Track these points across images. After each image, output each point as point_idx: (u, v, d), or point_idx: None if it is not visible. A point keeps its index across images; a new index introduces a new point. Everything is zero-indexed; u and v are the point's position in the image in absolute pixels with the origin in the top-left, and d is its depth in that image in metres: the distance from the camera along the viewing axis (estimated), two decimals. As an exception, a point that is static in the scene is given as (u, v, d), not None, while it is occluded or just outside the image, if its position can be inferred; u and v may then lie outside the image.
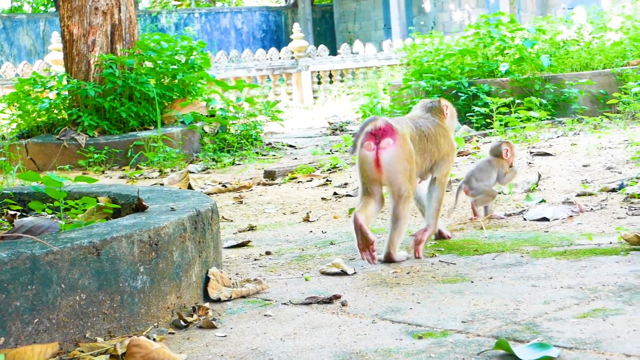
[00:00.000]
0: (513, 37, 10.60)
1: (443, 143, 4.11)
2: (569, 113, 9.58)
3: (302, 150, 9.67)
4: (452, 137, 4.19)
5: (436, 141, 4.07)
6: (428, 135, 4.03)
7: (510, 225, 4.63)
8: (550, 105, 9.52)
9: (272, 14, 30.98)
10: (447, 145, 4.13)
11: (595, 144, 7.34)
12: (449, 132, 4.17)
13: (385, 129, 3.83)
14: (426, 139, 4.02)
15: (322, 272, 3.82)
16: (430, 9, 27.60)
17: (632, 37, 11.13)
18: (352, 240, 4.49)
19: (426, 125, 4.06)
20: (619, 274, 3.40)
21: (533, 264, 3.70)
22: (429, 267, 3.79)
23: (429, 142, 4.03)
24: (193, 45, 10.30)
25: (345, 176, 6.94)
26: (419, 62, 10.52)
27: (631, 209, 4.73)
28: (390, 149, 3.81)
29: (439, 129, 4.11)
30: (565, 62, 10.56)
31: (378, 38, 27.58)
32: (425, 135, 4.02)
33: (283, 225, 5.17)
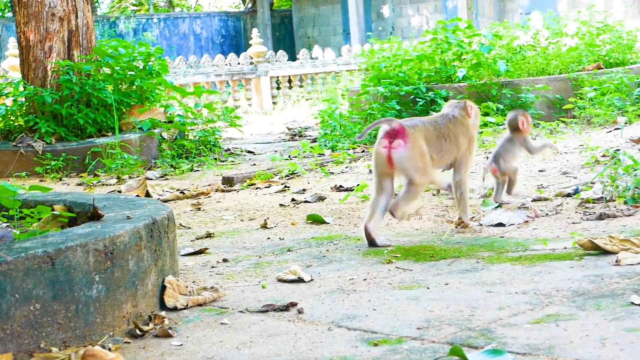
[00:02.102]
0: (470, 42, 10.64)
1: (463, 142, 4.53)
2: (526, 118, 9.63)
3: (261, 156, 9.67)
4: (473, 135, 4.60)
5: (456, 140, 4.50)
6: (447, 135, 4.46)
7: (466, 231, 4.66)
8: (507, 110, 9.56)
9: (231, 20, 30.93)
10: (467, 143, 4.55)
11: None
12: (470, 131, 4.58)
13: (398, 130, 4.28)
14: (444, 139, 4.45)
15: (279, 280, 3.82)
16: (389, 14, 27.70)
17: (587, 42, 11.22)
18: (310, 247, 4.51)
19: (447, 125, 4.49)
20: (573, 279, 3.44)
21: (488, 269, 3.73)
22: (385, 274, 3.80)
23: (447, 141, 4.46)
24: (151, 51, 10.25)
25: (303, 182, 6.95)
26: (377, 68, 10.53)
27: (586, 214, 4.77)
28: (400, 149, 4.27)
29: (461, 128, 4.53)
30: (522, 68, 10.62)
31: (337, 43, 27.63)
32: (444, 135, 4.45)
33: (241, 232, 5.16)
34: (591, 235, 4.06)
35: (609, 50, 11.31)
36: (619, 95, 9.50)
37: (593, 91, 9.45)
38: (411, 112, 9.90)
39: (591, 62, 10.91)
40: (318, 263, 4.12)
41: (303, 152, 8.65)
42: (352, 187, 6.24)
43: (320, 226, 5.15)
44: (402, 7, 27.49)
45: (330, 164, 7.78)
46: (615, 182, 5.08)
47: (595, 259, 3.72)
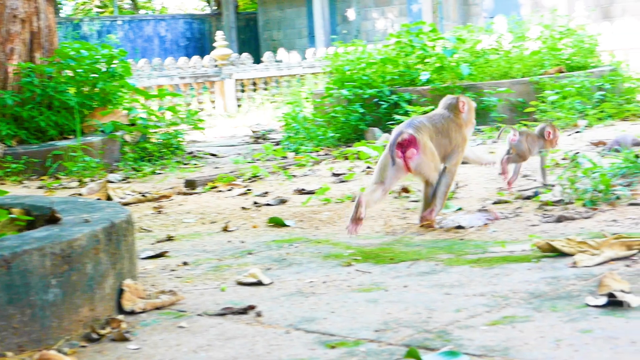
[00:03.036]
0: (434, 46, 10.69)
1: (455, 136, 4.82)
2: (488, 121, 9.69)
3: (224, 159, 9.65)
4: (465, 130, 4.87)
5: (448, 135, 4.80)
6: (442, 131, 4.77)
7: (426, 233, 4.68)
8: (470, 114, 9.63)
9: (196, 22, 30.85)
10: (459, 137, 4.83)
11: (513, 152, 7.44)
12: (462, 125, 4.87)
13: (410, 140, 4.59)
14: (441, 135, 4.77)
15: (238, 283, 3.81)
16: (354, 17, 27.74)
17: (549, 46, 11.31)
18: (270, 250, 4.51)
19: (441, 121, 4.80)
20: (530, 281, 3.46)
21: (447, 271, 3.75)
22: (345, 276, 3.81)
23: (443, 137, 4.77)
24: (114, 53, 10.21)
25: (266, 185, 6.95)
26: (341, 71, 10.55)
27: (545, 216, 4.81)
28: (416, 157, 4.61)
29: (453, 123, 4.83)
30: (485, 71, 10.68)
31: (302, 46, 27.62)
32: (440, 131, 4.77)
33: (202, 235, 5.15)
34: (549, 238, 4.10)
35: (571, 54, 11.41)
36: (580, 99, 9.59)
37: (555, 95, 9.53)
38: (375, 115, 9.93)
39: (553, 65, 11.00)
40: (278, 266, 4.12)
41: (266, 155, 8.64)
42: (314, 190, 6.24)
43: (281, 229, 5.15)
44: (367, 10, 27.54)
45: (293, 167, 7.79)
46: (574, 185, 5.12)
47: (552, 261, 3.75)
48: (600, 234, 4.16)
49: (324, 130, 9.87)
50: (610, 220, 4.61)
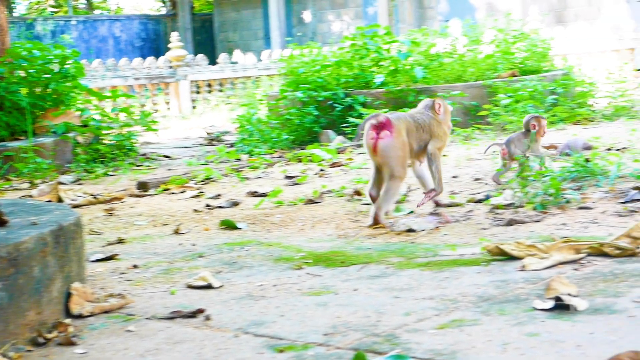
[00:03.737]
0: (389, 49, 10.72)
1: (436, 130, 5.06)
2: (442, 124, 9.72)
3: (177, 160, 9.61)
4: (444, 126, 5.13)
5: (430, 130, 5.04)
6: (423, 127, 5.00)
7: (378, 236, 4.69)
8: (423, 117, 9.65)
9: (151, 23, 30.70)
10: (440, 131, 5.08)
11: (465, 155, 7.48)
12: (442, 123, 5.12)
13: (385, 123, 4.80)
14: (422, 130, 4.99)
15: (188, 286, 3.79)
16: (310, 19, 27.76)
17: (503, 50, 11.39)
18: (222, 253, 4.50)
19: (423, 119, 5.04)
20: (479, 284, 3.48)
21: (397, 275, 3.75)
22: (295, 280, 3.80)
23: (424, 132, 5.00)
24: (67, 54, 10.13)
25: (218, 187, 6.92)
26: (295, 73, 10.55)
27: (495, 219, 4.84)
28: (387, 139, 4.78)
29: (433, 121, 5.07)
30: (439, 74, 10.73)
31: (258, 48, 27.59)
32: (422, 127, 5.00)
33: (153, 237, 5.12)
34: (499, 241, 4.11)
35: (524, 58, 11.50)
36: (533, 103, 9.66)
37: (508, 98, 9.60)
38: (329, 117, 9.94)
39: (506, 69, 11.07)
40: (229, 269, 4.11)
41: (219, 157, 8.61)
42: (267, 193, 6.23)
43: (233, 232, 5.13)
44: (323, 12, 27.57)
45: (247, 169, 7.76)
46: (524, 189, 5.16)
47: (501, 265, 3.77)
48: (550, 238, 4.20)
49: (278, 132, 9.86)
50: (560, 223, 4.64)
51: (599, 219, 4.67)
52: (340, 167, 7.34)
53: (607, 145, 7.19)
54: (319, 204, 5.80)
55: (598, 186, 5.46)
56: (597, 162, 5.77)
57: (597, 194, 5.27)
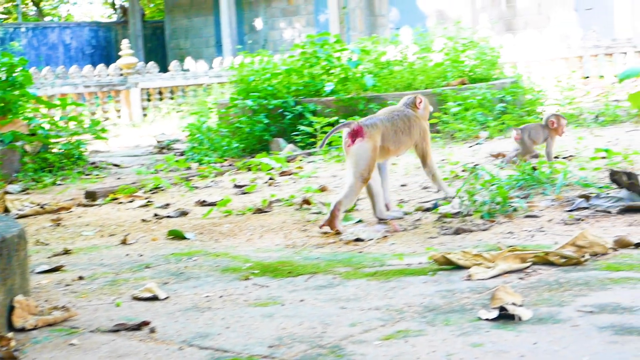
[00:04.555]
0: (339, 57, 10.73)
1: (414, 132, 5.27)
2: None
3: (127, 169, 9.54)
4: (423, 124, 5.36)
5: (409, 132, 5.25)
6: (402, 129, 5.21)
7: (326, 246, 4.69)
8: (374, 125, 9.65)
9: (102, 30, 30.48)
10: (418, 131, 5.30)
11: (414, 163, 7.49)
12: (421, 120, 5.34)
13: (358, 130, 5.01)
14: (401, 132, 5.20)
15: (134, 297, 3.76)
16: (262, 27, 27.73)
17: (452, 58, 11.45)
18: (169, 263, 4.47)
19: (401, 118, 5.23)
20: (425, 294, 3.48)
21: (344, 285, 3.75)
22: (242, 290, 3.78)
23: (403, 134, 5.21)
24: (14, 62, 10.02)
25: (167, 197, 6.88)
26: (245, 81, 10.51)
27: (443, 228, 4.86)
28: (358, 144, 4.99)
29: (412, 117, 5.27)
30: (389, 82, 10.75)
31: (210, 55, 27.50)
32: (400, 129, 5.20)
33: (100, 248, 5.07)
34: (446, 250, 4.13)
35: (473, 66, 11.56)
36: (482, 111, 9.72)
37: (457, 106, 9.65)
38: (279, 125, 9.93)
39: (456, 77, 11.13)
40: (175, 280, 4.08)
41: (169, 166, 8.56)
42: (216, 202, 6.20)
43: (181, 242, 5.10)
44: (275, 20, 27.56)
45: (196, 178, 7.73)
46: (472, 197, 5.18)
47: (448, 274, 3.78)
48: (497, 247, 4.22)
49: (229, 140, 9.83)
50: (507, 232, 4.67)
51: (545, 228, 4.71)
52: (289, 176, 7.33)
53: (554, 153, 7.25)
54: (268, 213, 5.79)
55: (545, 194, 5.50)
56: (544, 171, 5.81)
57: (544, 202, 5.31)
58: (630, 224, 4.62)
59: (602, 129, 9.24)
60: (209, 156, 9.37)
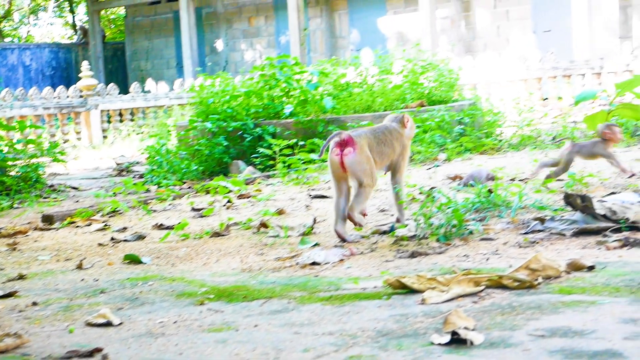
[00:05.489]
0: (299, 79, 10.75)
1: (397, 146, 5.49)
2: (351, 154, 9.76)
3: (85, 192, 9.48)
4: (406, 142, 5.57)
5: (390, 144, 5.44)
6: (385, 142, 5.40)
7: (282, 270, 4.69)
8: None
9: (62, 51, 30.35)
10: (400, 147, 5.52)
11: (373, 185, 7.52)
12: (404, 138, 5.56)
13: (347, 140, 5.18)
14: (383, 144, 5.39)
15: (88, 324, 3.74)
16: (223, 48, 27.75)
17: (411, 80, 11.52)
18: (124, 288, 4.44)
19: (384, 132, 5.44)
20: (379, 318, 3.49)
21: (299, 310, 3.75)
22: (196, 316, 3.77)
23: (385, 146, 5.40)
24: (-28, 84, 9.96)
25: (125, 220, 6.85)
26: (205, 103, 10.51)
27: (399, 252, 4.87)
28: (350, 155, 5.17)
29: (396, 134, 5.49)
30: (349, 104, 10.79)
31: (171, 76, 27.47)
32: (383, 141, 5.39)
33: (55, 273, 5.04)
34: (402, 274, 4.14)
35: (432, 88, 11.64)
36: (440, 133, 9.78)
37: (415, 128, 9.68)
38: (239, 148, 9.93)
39: (415, 99, 11.20)
40: (130, 305, 4.06)
41: (127, 189, 8.52)
42: (173, 225, 6.18)
43: (137, 266, 5.08)
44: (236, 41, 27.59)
45: (154, 201, 7.70)
46: (428, 220, 5.20)
47: (402, 298, 3.79)
48: (451, 270, 4.24)
49: (188, 163, 9.81)
50: (463, 255, 4.70)
51: (500, 250, 4.74)
52: (248, 199, 7.33)
53: (510, 176, 7.31)
54: (225, 236, 5.78)
55: (500, 217, 5.54)
56: (500, 193, 5.85)
57: (499, 225, 5.35)
58: (583, 247, 4.66)
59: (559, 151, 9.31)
60: (168, 179, 9.35)
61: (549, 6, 22.31)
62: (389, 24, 24.78)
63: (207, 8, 27.87)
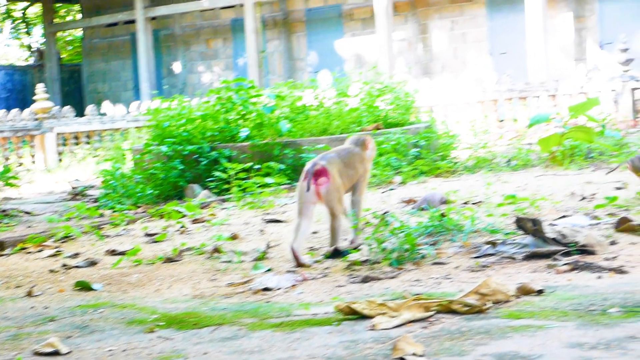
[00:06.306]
0: (255, 102, 10.74)
1: (359, 167, 5.71)
2: (308, 177, 9.76)
3: (39, 217, 9.40)
4: (367, 164, 5.82)
5: (354, 167, 5.67)
6: (349, 164, 5.63)
7: (234, 295, 4.67)
8: (289, 170, 9.67)
9: (17, 73, 30.14)
10: (362, 169, 5.74)
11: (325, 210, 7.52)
12: (365, 159, 5.79)
13: (322, 170, 5.39)
14: (349, 168, 5.62)
15: (35, 353, 3.69)
16: (180, 70, 27.70)
17: (367, 103, 11.56)
18: (74, 316, 4.40)
19: (349, 156, 5.67)
20: (329, 345, 3.48)
21: (249, 337, 3.73)
22: (146, 344, 3.74)
23: (351, 169, 5.63)
24: None
25: (77, 246, 6.79)
26: (160, 126, 10.46)
27: (352, 276, 4.87)
28: (325, 185, 5.39)
29: (358, 157, 5.72)
30: (305, 127, 10.79)
31: (128, 99, 27.34)
32: (348, 165, 5.62)
33: (4, 300, 4.98)
34: (353, 299, 4.14)
35: (388, 110, 11.69)
36: (396, 156, 9.81)
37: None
38: (195, 171, 9.90)
39: (371, 122, 11.24)
40: (79, 333, 4.02)
41: (81, 214, 8.45)
42: (126, 251, 6.14)
43: (88, 293, 5.03)
44: (194, 63, 27.55)
45: (108, 226, 7.64)
46: (381, 245, 5.21)
47: (352, 324, 3.79)
48: (402, 295, 4.24)
49: (143, 187, 9.76)
50: (414, 280, 4.71)
51: (452, 275, 4.75)
52: (202, 223, 7.29)
53: (464, 199, 7.34)
54: (178, 262, 5.75)
55: (453, 241, 5.56)
56: (453, 217, 5.88)
57: (451, 249, 5.37)
58: (534, 270, 4.69)
59: (514, 173, 9.40)
60: (123, 203, 9.29)
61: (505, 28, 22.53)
62: (346, 46, 24.88)
63: (165, 30, 27.83)
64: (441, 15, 23.61)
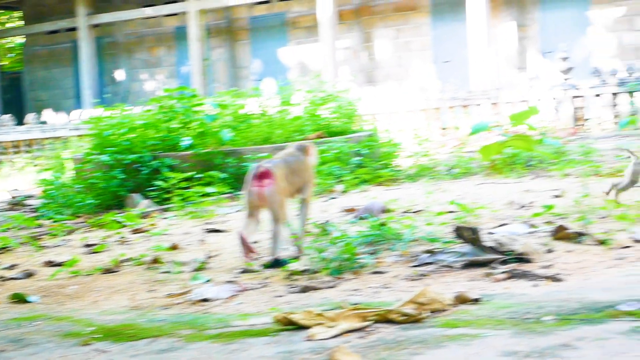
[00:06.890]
0: (198, 111, 10.70)
1: (304, 174, 5.82)
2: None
3: (-24, 228, 9.26)
4: (311, 169, 5.93)
5: (299, 173, 5.76)
6: (294, 170, 5.71)
7: (173, 307, 4.64)
8: (231, 179, 9.63)
9: (-43, 82, 29.78)
10: (307, 174, 5.85)
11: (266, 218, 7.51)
12: (309, 165, 5.90)
13: (265, 172, 5.46)
14: (293, 173, 5.69)
15: (-33, 368, 3.64)
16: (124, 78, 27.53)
17: (310, 111, 11.56)
18: (8, 329, 4.33)
19: (294, 161, 5.76)
20: (266, 356, 3.47)
21: (186, 349, 3.70)
22: (81, 357, 3.69)
23: (295, 174, 5.70)
24: None
25: (14, 257, 6.70)
26: (101, 135, 10.37)
27: (291, 286, 4.86)
28: (269, 187, 5.46)
29: (303, 163, 5.82)
30: (247, 136, 10.77)
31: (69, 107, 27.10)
32: (292, 170, 5.69)
33: (-62, 314, 4.90)
34: (291, 309, 4.13)
35: (331, 119, 11.70)
36: (338, 164, 9.83)
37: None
38: (136, 181, 9.82)
39: (314, 131, 11.24)
40: (13, 347, 3.96)
41: (19, 224, 8.35)
42: (64, 262, 6.07)
43: (24, 305, 4.97)
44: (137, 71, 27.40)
45: (46, 237, 7.55)
46: (321, 254, 5.21)
47: (290, 335, 3.78)
48: (340, 305, 4.24)
49: (83, 196, 9.66)
50: (353, 289, 4.71)
51: (390, 284, 4.77)
52: (142, 234, 7.24)
53: (404, 208, 7.37)
54: (117, 273, 5.70)
55: (392, 250, 5.58)
56: (392, 226, 5.90)
57: (390, 258, 5.38)
58: (472, 279, 4.72)
59: (455, 181, 9.46)
60: (62, 213, 9.18)
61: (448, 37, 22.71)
62: (290, 55, 24.92)
63: (108, 38, 27.65)
64: (386, 24, 23.74)
